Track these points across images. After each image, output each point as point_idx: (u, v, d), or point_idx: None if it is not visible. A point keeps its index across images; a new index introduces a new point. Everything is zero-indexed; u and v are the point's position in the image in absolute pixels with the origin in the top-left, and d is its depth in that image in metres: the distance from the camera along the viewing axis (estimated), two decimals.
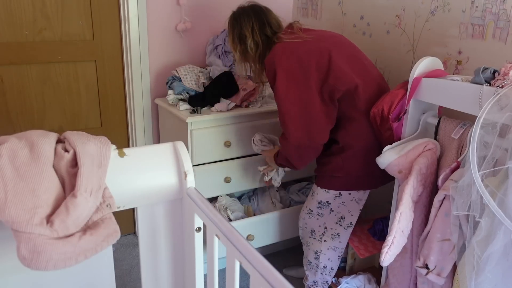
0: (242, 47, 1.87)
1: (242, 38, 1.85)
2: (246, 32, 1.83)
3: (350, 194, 1.82)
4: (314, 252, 1.95)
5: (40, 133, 1.03)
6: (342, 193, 1.82)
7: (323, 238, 1.91)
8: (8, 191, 0.91)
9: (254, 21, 1.84)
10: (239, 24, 1.86)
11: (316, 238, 1.93)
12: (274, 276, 0.86)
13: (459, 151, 1.42)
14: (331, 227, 1.89)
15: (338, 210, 1.86)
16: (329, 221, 1.89)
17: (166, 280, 1.32)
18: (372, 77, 1.76)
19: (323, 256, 1.94)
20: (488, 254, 1.14)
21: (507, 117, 1.14)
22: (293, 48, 1.72)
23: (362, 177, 1.79)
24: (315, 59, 1.68)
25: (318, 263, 1.96)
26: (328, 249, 1.92)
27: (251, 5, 1.91)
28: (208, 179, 2.12)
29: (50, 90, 2.22)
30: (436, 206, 1.36)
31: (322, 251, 1.93)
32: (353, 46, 1.84)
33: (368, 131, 1.73)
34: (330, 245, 1.91)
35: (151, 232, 1.24)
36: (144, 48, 2.29)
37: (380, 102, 1.63)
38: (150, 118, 2.41)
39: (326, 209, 1.87)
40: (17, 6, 2.05)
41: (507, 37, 1.58)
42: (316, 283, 2.01)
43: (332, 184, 1.82)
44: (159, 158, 1.19)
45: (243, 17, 1.86)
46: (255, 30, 1.83)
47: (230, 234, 1.01)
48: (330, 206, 1.85)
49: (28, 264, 0.91)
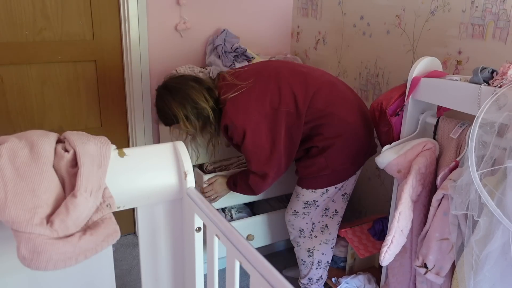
0: (201, 122, 1.76)
1: (200, 113, 1.73)
2: (203, 105, 1.72)
3: (336, 188, 1.85)
4: (307, 250, 1.97)
5: (40, 133, 1.03)
6: (329, 189, 1.85)
7: (313, 234, 1.94)
8: (8, 191, 0.91)
9: (201, 90, 1.74)
10: (188, 102, 1.72)
11: (306, 236, 1.96)
12: (274, 276, 0.87)
13: (458, 151, 1.43)
14: (318, 221, 1.92)
15: (323, 204, 1.90)
16: (315, 216, 1.92)
17: (166, 280, 1.32)
18: (318, 78, 1.81)
19: (317, 252, 1.96)
20: (487, 253, 1.15)
21: (505, 116, 1.15)
22: (244, 101, 1.72)
23: (347, 168, 1.83)
24: (268, 100, 1.71)
25: (312, 260, 1.98)
26: (320, 244, 1.95)
27: (182, 76, 1.85)
28: None
29: (50, 90, 2.23)
30: (434, 205, 1.36)
31: (314, 248, 1.96)
32: (285, 62, 1.89)
33: (342, 125, 1.75)
34: (321, 239, 1.94)
35: (151, 232, 1.25)
36: (144, 48, 2.29)
37: (380, 97, 1.64)
38: (150, 118, 2.41)
39: (312, 207, 1.89)
40: (17, 6, 2.05)
41: (507, 37, 1.58)
42: (311, 280, 2.03)
43: (318, 183, 1.84)
44: (159, 158, 1.19)
45: (188, 92, 1.73)
46: (208, 98, 1.74)
47: (230, 234, 1.01)
48: (317, 203, 1.88)
49: (28, 264, 0.91)
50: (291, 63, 1.88)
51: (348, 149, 1.76)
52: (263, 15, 2.56)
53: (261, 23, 2.57)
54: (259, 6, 2.55)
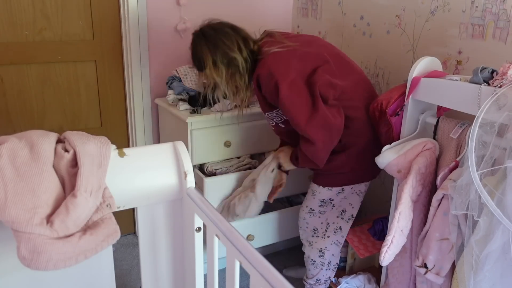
0: (230, 71, 1.70)
1: (231, 61, 1.68)
2: (233, 54, 1.67)
3: (352, 188, 1.83)
4: (319, 250, 1.94)
5: (40, 133, 1.03)
6: (344, 188, 1.82)
7: (326, 234, 1.92)
8: (8, 191, 0.91)
9: (236, 38, 1.69)
10: (219, 48, 1.68)
11: (319, 236, 1.93)
12: (274, 276, 0.87)
13: (458, 151, 1.43)
14: (333, 221, 1.90)
15: (339, 204, 1.87)
16: (331, 216, 1.89)
17: (166, 280, 1.32)
18: (359, 74, 1.79)
19: (328, 253, 1.94)
20: (487, 253, 1.15)
21: (505, 116, 1.15)
22: (287, 57, 1.66)
23: (365, 170, 1.81)
24: (311, 65, 1.66)
25: (323, 260, 1.95)
26: (331, 244, 1.93)
27: (220, 22, 1.76)
28: None
29: (50, 90, 2.23)
30: (434, 205, 1.36)
31: (326, 248, 1.93)
32: (333, 46, 1.85)
33: (368, 128, 1.74)
34: (333, 240, 1.92)
35: (151, 232, 1.25)
36: (144, 48, 2.29)
37: (379, 97, 1.64)
38: (150, 118, 2.41)
39: (328, 206, 1.87)
40: (17, 6, 2.05)
41: (507, 37, 1.58)
42: (319, 281, 2.01)
43: (336, 181, 1.82)
44: (159, 158, 1.19)
45: (221, 38, 1.68)
46: (241, 47, 1.69)
47: (230, 234, 1.01)
48: (333, 202, 1.86)
49: (28, 264, 0.91)
50: (338, 49, 1.85)
51: (370, 152, 1.72)
52: (263, 15, 2.56)
53: (261, 23, 2.57)
54: (259, 6, 2.55)
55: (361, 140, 1.74)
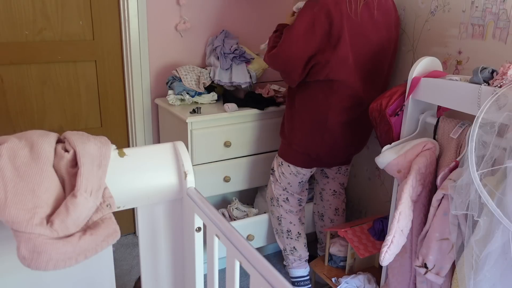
0: None
1: None
2: None
3: (289, 167, 1.97)
4: (277, 218, 2.10)
5: (40, 133, 1.03)
6: (283, 163, 1.98)
7: (279, 203, 2.06)
8: (8, 191, 0.91)
9: None
10: None
11: (274, 204, 2.09)
12: (274, 276, 0.87)
13: (458, 151, 1.43)
14: (279, 194, 2.05)
15: (281, 180, 2.02)
16: (277, 189, 2.05)
17: (166, 280, 1.32)
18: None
19: (284, 221, 2.08)
20: (487, 253, 1.15)
21: (505, 116, 1.15)
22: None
23: (299, 153, 1.93)
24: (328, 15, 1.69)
25: (282, 228, 2.10)
26: (287, 213, 2.06)
27: None
28: (208, 179, 2.12)
29: (50, 90, 2.23)
30: (434, 205, 1.37)
31: (282, 216, 2.08)
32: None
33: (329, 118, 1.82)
34: (285, 208, 2.06)
35: (151, 232, 1.25)
36: (144, 48, 2.29)
37: (379, 97, 1.64)
38: (150, 118, 2.41)
39: (274, 175, 2.04)
40: (17, 6, 2.05)
41: (507, 37, 1.58)
42: (285, 251, 2.13)
43: (280, 150, 2.03)
44: (159, 158, 1.19)
45: None
46: None
47: (230, 234, 1.01)
48: (275, 174, 2.03)
49: (28, 264, 0.91)
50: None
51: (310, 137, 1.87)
52: (263, 14, 2.56)
53: (261, 22, 2.57)
54: (259, 6, 2.55)
55: (311, 119, 1.85)
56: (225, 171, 2.15)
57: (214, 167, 2.13)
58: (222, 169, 2.14)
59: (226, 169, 2.15)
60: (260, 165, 2.24)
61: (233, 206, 2.33)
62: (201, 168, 2.09)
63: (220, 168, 2.14)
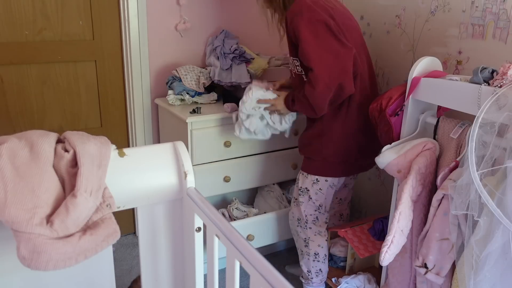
0: None
1: None
2: None
3: (327, 181, 1.88)
4: (304, 240, 2.01)
5: (40, 133, 1.03)
6: (319, 179, 1.88)
7: (307, 225, 1.97)
8: (8, 191, 0.91)
9: None
10: None
11: (302, 226, 1.99)
12: (274, 276, 0.87)
13: (458, 151, 1.43)
14: (310, 213, 1.96)
15: (316, 198, 1.92)
16: (308, 209, 1.95)
17: (166, 280, 1.32)
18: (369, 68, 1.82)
19: (312, 243, 1.99)
20: (487, 254, 1.15)
21: (505, 116, 1.15)
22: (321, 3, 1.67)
23: (337, 164, 1.85)
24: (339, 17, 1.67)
25: (308, 250, 2.01)
26: (315, 235, 1.98)
27: None
28: (208, 179, 2.12)
29: (50, 90, 2.23)
30: (434, 205, 1.36)
31: (310, 238, 1.99)
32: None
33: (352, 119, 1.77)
34: (315, 231, 1.97)
35: (151, 232, 1.25)
36: (144, 48, 2.29)
37: (379, 97, 1.64)
38: (150, 118, 2.41)
39: (305, 196, 1.93)
40: (17, 6, 2.05)
41: (507, 37, 1.58)
42: (310, 273, 2.04)
43: (311, 168, 1.88)
44: (159, 158, 1.19)
45: None
46: None
47: (230, 234, 1.01)
48: (309, 193, 1.91)
49: (28, 264, 0.91)
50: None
51: (343, 145, 1.79)
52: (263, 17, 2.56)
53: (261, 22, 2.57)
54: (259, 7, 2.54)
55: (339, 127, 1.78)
56: (225, 171, 2.15)
57: (214, 167, 2.13)
58: (222, 169, 2.14)
59: (226, 169, 2.15)
60: (260, 165, 2.24)
61: (233, 206, 2.33)
62: (201, 168, 2.09)
63: (220, 168, 2.14)
